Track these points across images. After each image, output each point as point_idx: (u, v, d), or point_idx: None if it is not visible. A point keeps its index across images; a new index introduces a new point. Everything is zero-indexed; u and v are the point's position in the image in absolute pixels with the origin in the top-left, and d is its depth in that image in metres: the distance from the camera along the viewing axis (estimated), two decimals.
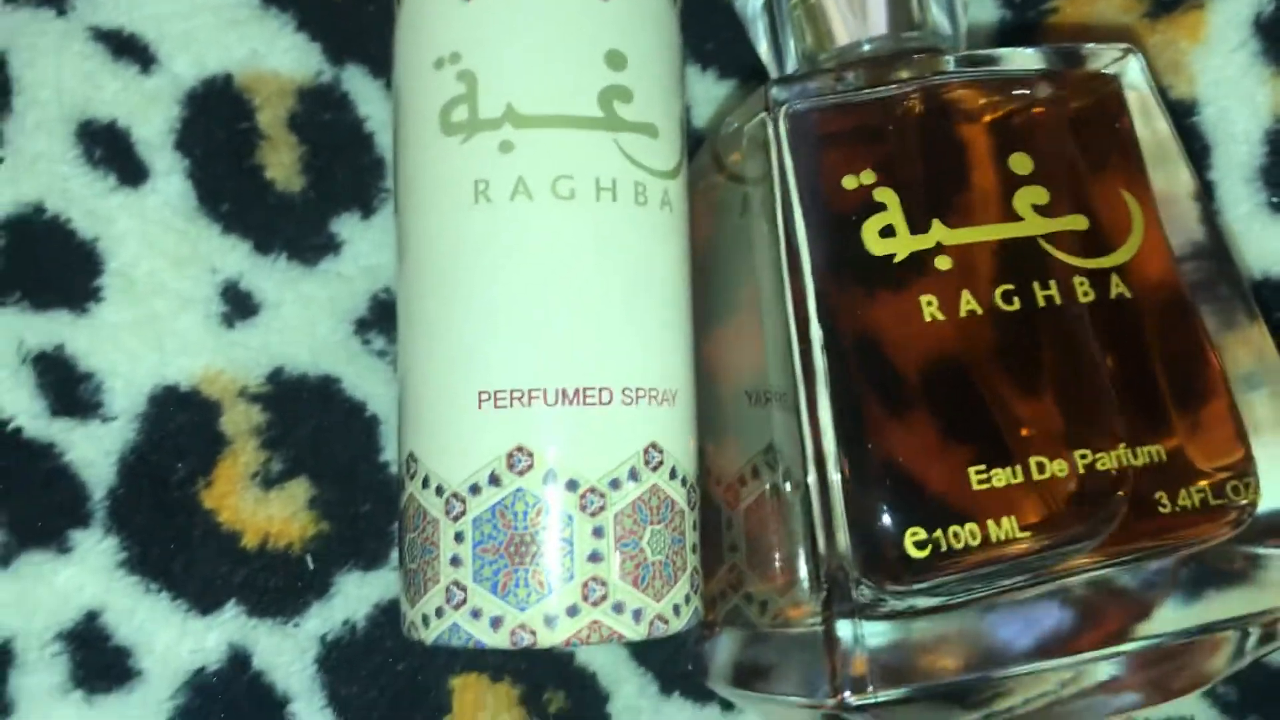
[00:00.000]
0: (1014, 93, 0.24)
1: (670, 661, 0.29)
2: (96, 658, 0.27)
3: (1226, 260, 0.24)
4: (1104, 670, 0.23)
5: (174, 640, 0.28)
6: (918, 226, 0.22)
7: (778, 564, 0.23)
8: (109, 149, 0.28)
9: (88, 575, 0.27)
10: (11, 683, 0.27)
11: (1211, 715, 0.29)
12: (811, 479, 0.21)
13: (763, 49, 0.27)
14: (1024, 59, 0.25)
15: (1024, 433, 0.21)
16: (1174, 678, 0.24)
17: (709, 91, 0.30)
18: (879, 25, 0.25)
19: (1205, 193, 0.29)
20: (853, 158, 0.23)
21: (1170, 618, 0.22)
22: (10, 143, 0.28)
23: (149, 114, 0.28)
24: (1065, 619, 0.22)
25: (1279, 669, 0.29)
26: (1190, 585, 0.23)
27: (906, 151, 0.23)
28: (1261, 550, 0.23)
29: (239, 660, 0.28)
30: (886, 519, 0.21)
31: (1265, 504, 0.23)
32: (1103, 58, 0.25)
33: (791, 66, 0.26)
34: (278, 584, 0.28)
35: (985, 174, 0.23)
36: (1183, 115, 0.30)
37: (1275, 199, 0.29)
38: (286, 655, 0.28)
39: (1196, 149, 0.30)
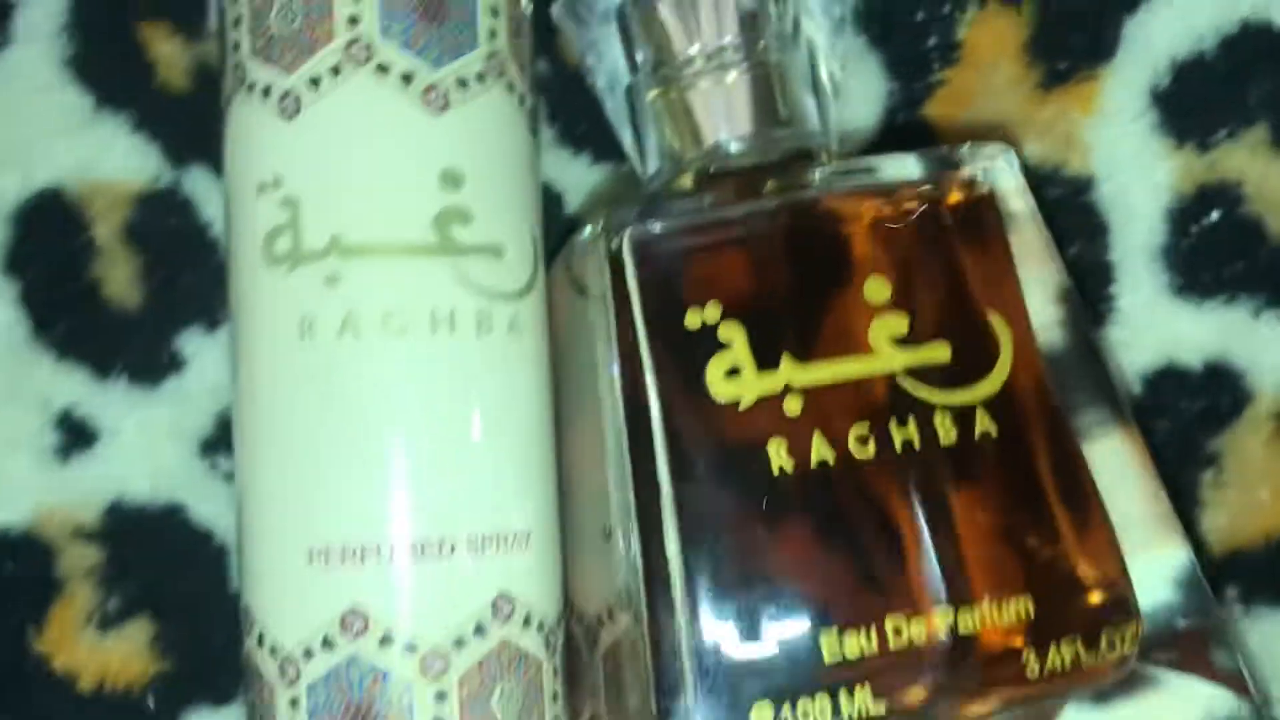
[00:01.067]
0: (884, 205, 0.23)
1: None
2: None
3: (1097, 362, 0.23)
4: None
5: None
6: (766, 364, 0.21)
7: (631, 711, 0.22)
8: None
9: None
10: None
11: None
12: (646, 635, 0.20)
13: (626, 141, 0.26)
14: (897, 166, 0.24)
15: (876, 592, 0.20)
16: None
17: (583, 178, 0.29)
18: (744, 124, 0.24)
19: (1107, 275, 0.29)
20: (698, 289, 0.21)
21: None
22: None
23: None
24: None
25: None
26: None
27: (761, 277, 0.22)
28: (1149, 668, 0.22)
29: None
30: (730, 691, 0.20)
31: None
32: (977, 159, 0.24)
33: (654, 162, 0.25)
34: None
35: (841, 303, 0.22)
36: (1079, 192, 0.29)
37: (1177, 281, 0.29)
38: None
39: (1094, 227, 0.29)
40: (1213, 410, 0.29)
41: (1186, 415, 0.29)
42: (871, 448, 0.21)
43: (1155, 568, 0.23)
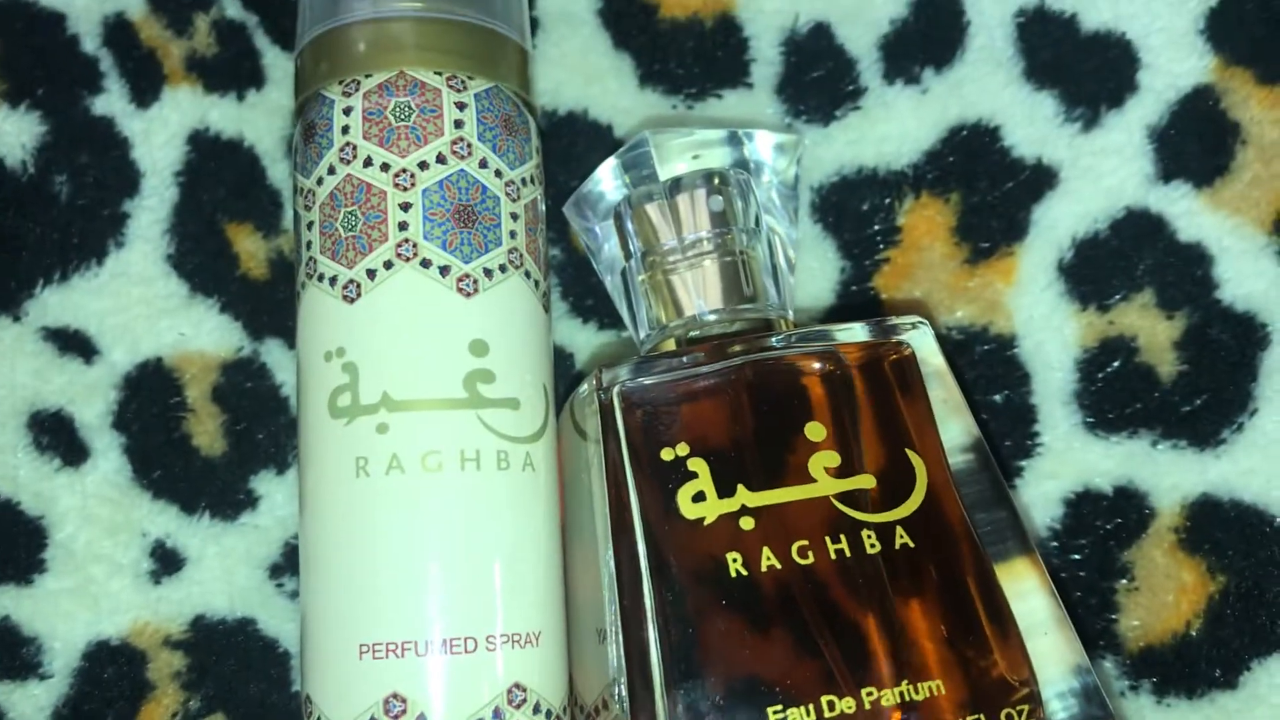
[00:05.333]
0: (831, 362, 0.28)
1: None
2: None
3: (1005, 500, 0.27)
4: None
5: None
6: (724, 491, 0.26)
7: None
8: (54, 435, 0.32)
9: None
10: None
11: None
12: (627, 713, 0.24)
13: (623, 313, 0.32)
14: (842, 332, 0.29)
15: (815, 674, 0.24)
16: None
17: (591, 340, 0.34)
18: (715, 300, 0.29)
19: (1031, 416, 0.33)
20: (673, 431, 0.27)
21: None
22: None
23: (91, 399, 0.32)
24: None
25: None
26: None
27: (726, 420, 0.27)
28: None
29: None
30: None
31: None
32: (902, 329, 0.29)
33: (645, 330, 0.30)
34: None
35: (790, 441, 0.27)
36: (1003, 348, 0.33)
37: (1088, 420, 0.33)
38: None
39: (1018, 377, 0.33)
40: (1123, 527, 0.33)
41: (1101, 532, 0.32)
42: (811, 557, 0.25)
43: (1062, 680, 0.26)
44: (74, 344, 0.32)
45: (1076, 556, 0.33)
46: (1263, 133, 0.34)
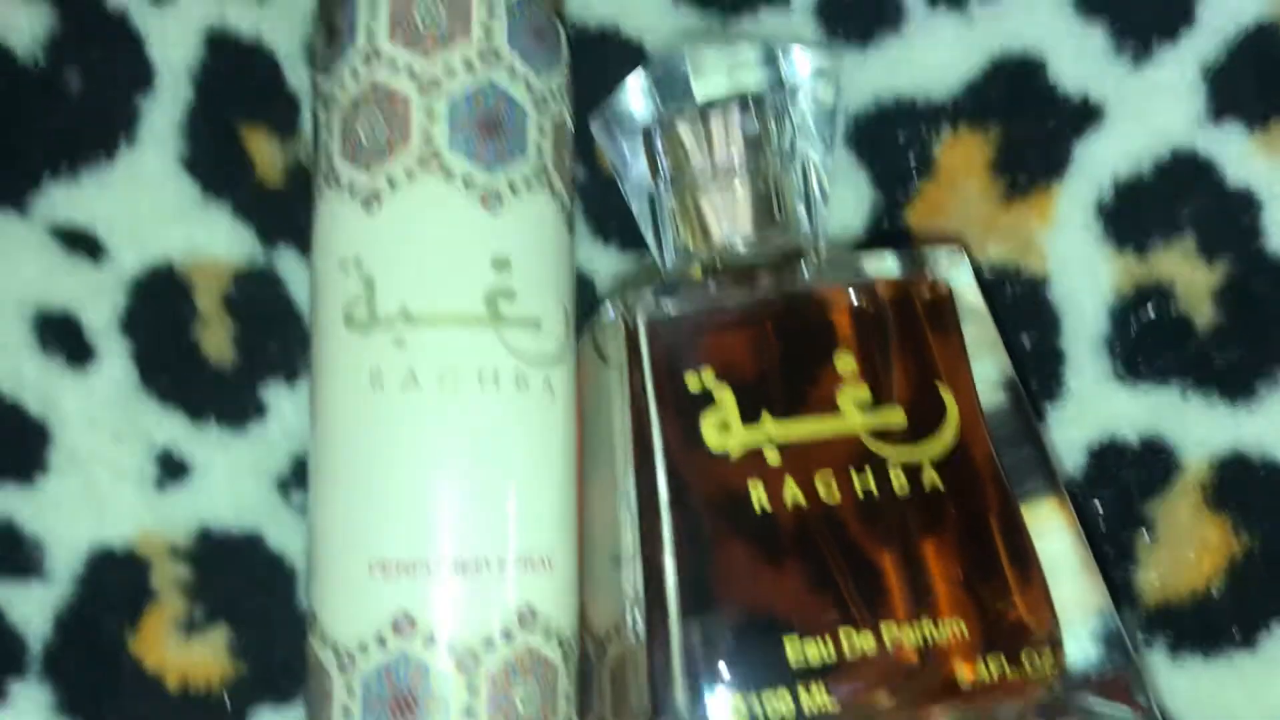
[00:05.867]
0: (862, 295, 0.27)
1: None
2: None
3: (1036, 440, 0.27)
4: None
5: None
6: (750, 421, 0.25)
7: (631, 714, 0.26)
8: (60, 335, 0.31)
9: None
10: None
11: None
12: (644, 645, 0.24)
13: (648, 236, 0.31)
14: (873, 262, 0.28)
15: (833, 609, 0.24)
16: None
17: (612, 262, 0.33)
18: (745, 227, 0.28)
19: (1058, 360, 0.32)
20: (698, 358, 0.26)
21: None
22: None
23: (98, 301, 0.31)
24: None
25: None
26: None
27: (752, 351, 0.26)
28: (1082, 702, 0.26)
29: None
30: (710, 685, 0.24)
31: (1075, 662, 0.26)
32: (938, 261, 0.28)
33: (670, 256, 0.30)
34: None
35: (817, 373, 0.26)
36: (1035, 289, 0.32)
37: (1118, 368, 0.32)
38: None
39: (1047, 320, 0.32)
40: (1148, 479, 0.32)
41: (1125, 483, 0.32)
42: (836, 493, 0.25)
43: (1083, 624, 0.26)
44: (82, 244, 0.32)
45: (1098, 505, 0.32)
46: None
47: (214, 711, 0.31)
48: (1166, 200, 0.32)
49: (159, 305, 0.32)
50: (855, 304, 0.27)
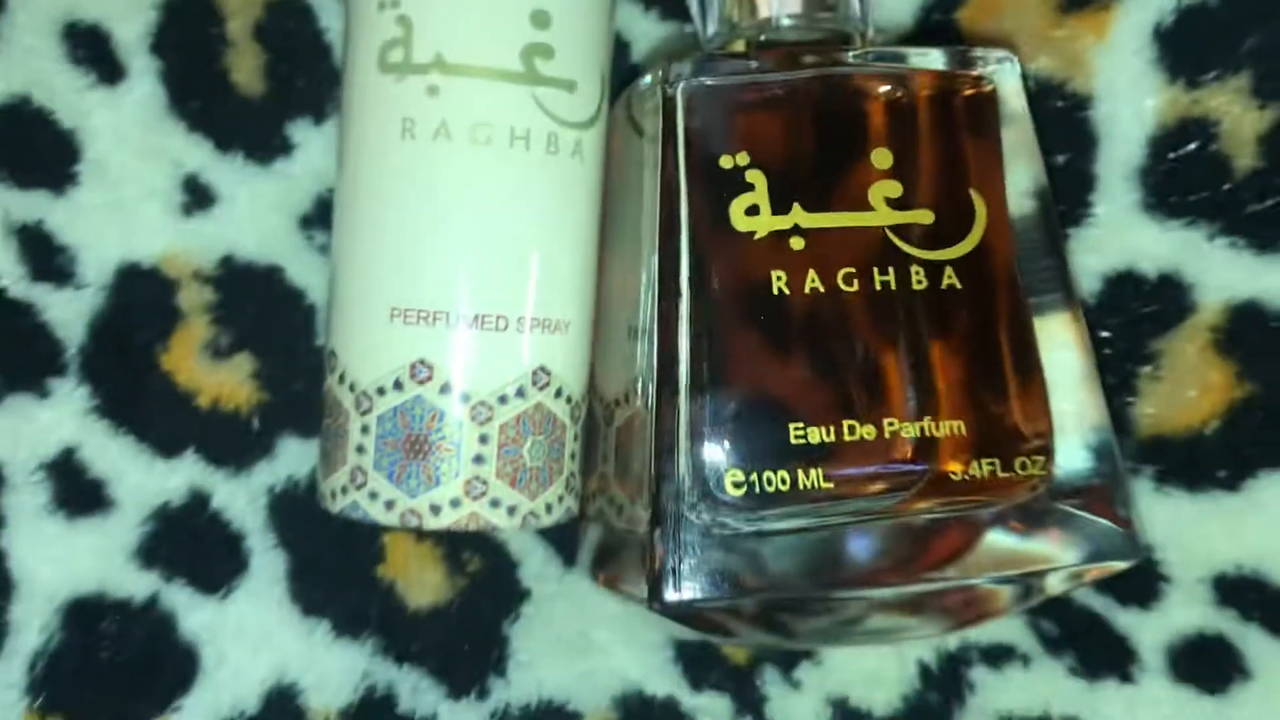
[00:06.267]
0: (903, 88, 0.27)
1: (571, 540, 0.33)
2: (75, 486, 0.31)
3: (1058, 253, 0.27)
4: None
5: (142, 478, 0.32)
6: (779, 208, 0.25)
7: (634, 477, 0.27)
8: (90, 49, 0.31)
9: (65, 417, 0.31)
10: (3, 501, 0.32)
11: (1034, 645, 0.33)
12: (653, 414, 0.25)
13: (693, 5, 0.30)
14: (920, 57, 0.27)
15: (841, 399, 0.25)
16: (968, 610, 0.28)
17: (651, 30, 0.32)
18: (794, 4, 0.28)
19: (1090, 184, 0.32)
20: (733, 138, 0.26)
21: (988, 560, 0.26)
22: (4, 38, 0.31)
23: (129, 18, 0.31)
24: (879, 549, 0.26)
25: (1095, 611, 0.33)
26: (1019, 531, 0.27)
27: (788, 135, 0.26)
28: (1063, 508, 0.27)
29: (199, 500, 0.32)
30: (713, 458, 0.25)
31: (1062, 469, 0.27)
32: (987, 62, 0.27)
33: (713, 27, 0.29)
34: (229, 439, 0.32)
35: (850, 165, 0.26)
36: (1078, 108, 0.32)
37: (1148, 200, 0.32)
38: (240, 500, 0.32)
39: (1085, 141, 0.32)
40: (1160, 314, 0.32)
41: (1136, 315, 0.32)
42: (856, 285, 0.25)
43: (1078, 433, 0.27)
44: None
45: (1105, 334, 0.32)
46: None
47: (243, 432, 0.32)
48: (1230, 31, 0.31)
49: (190, 27, 0.31)
50: (894, 96, 0.27)
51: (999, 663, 0.33)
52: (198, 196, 0.32)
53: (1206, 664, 0.32)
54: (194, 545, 0.32)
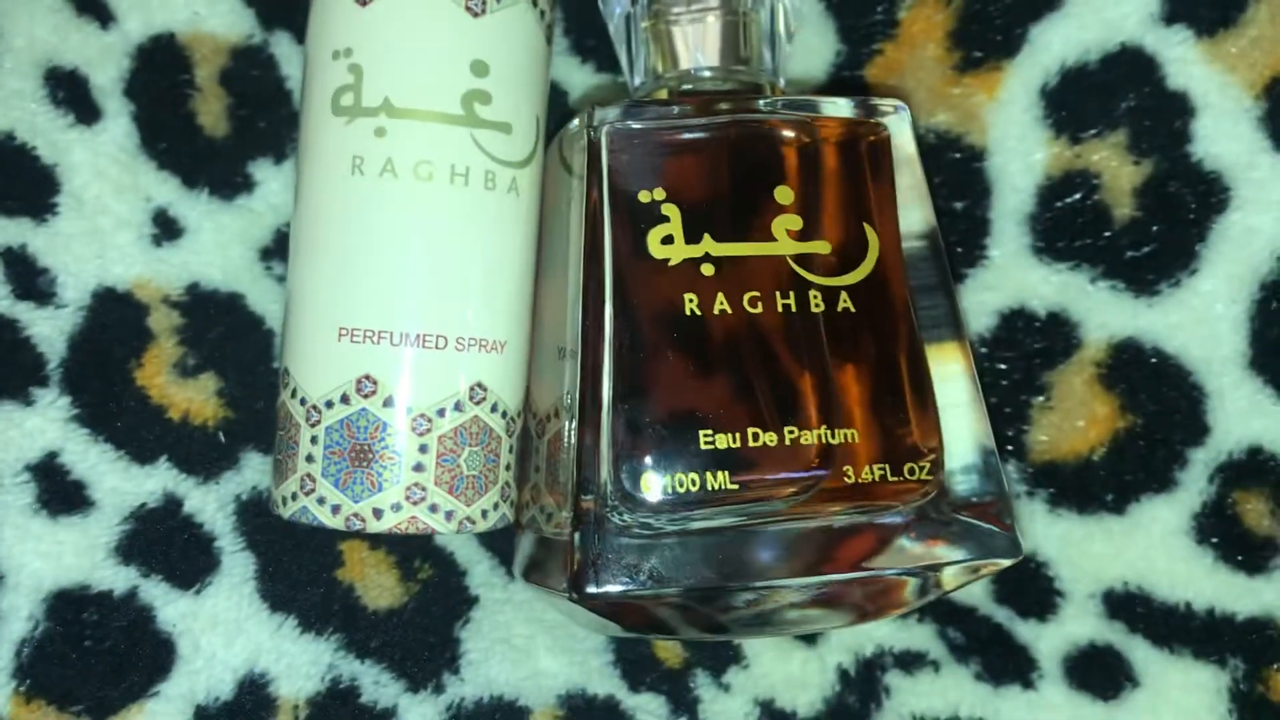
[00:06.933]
0: (809, 133, 0.30)
1: (513, 551, 0.35)
2: (58, 488, 0.34)
3: (947, 288, 0.30)
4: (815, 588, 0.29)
5: (119, 482, 0.34)
6: (692, 238, 0.28)
7: (562, 486, 0.29)
8: (70, 92, 0.33)
9: (48, 423, 0.34)
10: None
11: (944, 652, 0.36)
12: (577, 425, 0.28)
13: (622, 57, 0.33)
14: (826, 104, 0.30)
15: (746, 407, 0.27)
16: (871, 603, 0.30)
17: (586, 80, 0.35)
18: (712, 57, 0.30)
19: (984, 229, 0.34)
20: (652, 176, 0.28)
21: (894, 558, 0.29)
22: None
23: (105, 64, 0.33)
24: (787, 548, 0.28)
25: (998, 622, 0.35)
26: (915, 535, 0.29)
27: (704, 175, 0.29)
28: (957, 517, 0.30)
29: (173, 504, 0.34)
30: (630, 464, 0.27)
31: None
32: (884, 111, 0.30)
33: (640, 77, 0.32)
34: (198, 450, 0.34)
35: (757, 201, 0.29)
36: (973, 159, 0.35)
37: (1037, 244, 0.35)
38: (211, 506, 0.34)
39: (979, 190, 0.35)
40: (1049, 350, 0.35)
41: (1029, 350, 0.35)
42: (761, 307, 0.28)
43: (967, 456, 0.30)
44: (91, 6, 0.33)
45: (1001, 366, 0.35)
46: None
47: (211, 445, 0.34)
48: (1108, 93, 0.34)
49: (160, 72, 0.34)
50: (801, 138, 0.30)
51: (911, 668, 0.35)
52: (167, 228, 0.34)
53: (1099, 672, 0.35)
54: (169, 545, 0.34)
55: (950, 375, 0.30)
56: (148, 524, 0.34)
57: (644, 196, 0.28)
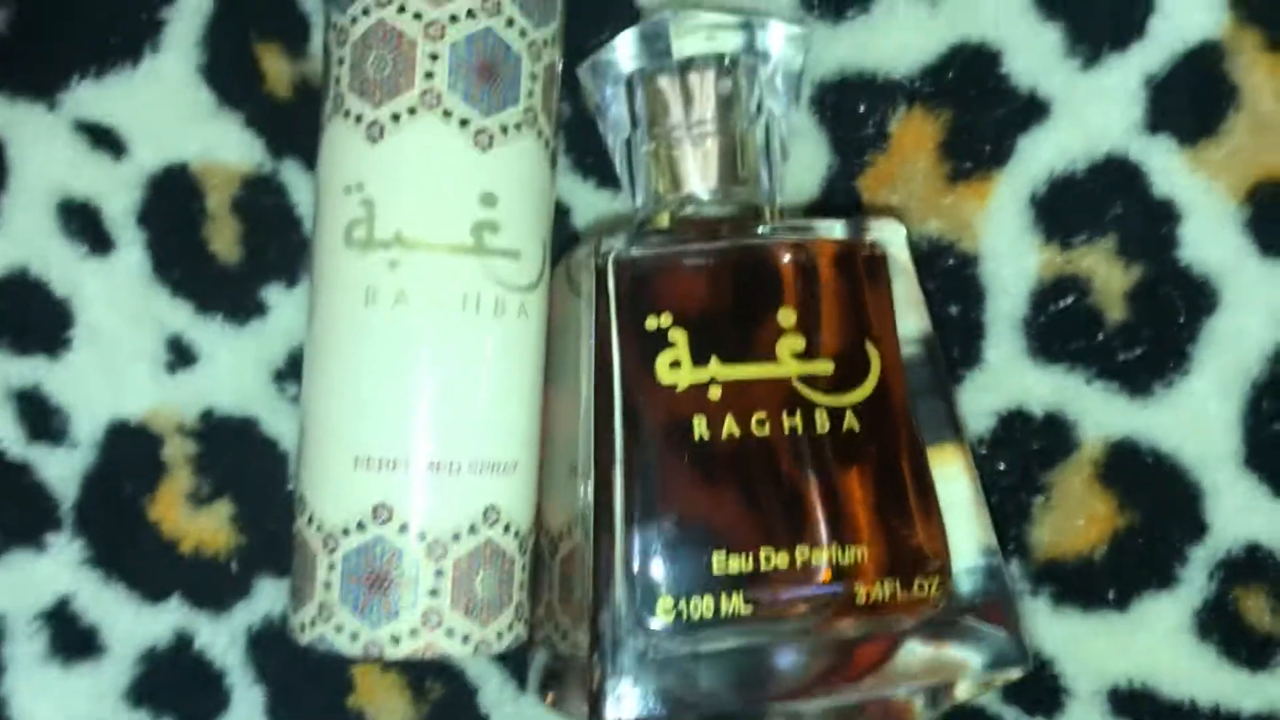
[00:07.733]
0: (808, 254, 0.31)
1: (525, 667, 0.35)
2: (70, 634, 0.34)
3: (945, 391, 0.31)
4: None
5: (131, 623, 0.34)
6: (699, 361, 0.29)
7: (576, 604, 0.30)
8: (83, 223, 0.34)
9: (60, 569, 0.34)
10: (3, 651, 0.34)
11: None
12: (591, 546, 0.28)
13: (623, 179, 0.34)
14: (824, 226, 0.31)
15: (757, 529, 0.28)
16: (885, 715, 0.31)
17: (588, 198, 0.36)
18: (712, 180, 0.31)
19: (980, 332, 0.35)
20: (658, 302, 0.29)
21: (902, 670, 0.29)
22: (4, 214, 0.34)
23: (117, 194, 0.34)
24: (804, 663, 0.29)
25: None
26: (923, 637, 0.29)
27: (707, 297, 0.30)
28: (962, 621, 0.30)
29: (184, 641, 0.34)
30: (644, 587, 0.28)
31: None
32: (879, 228, 0.31)
33: (641, 198, 0.32)
34: (210, 583, 0.34)
35: (761, 323, 0.29)
36: (966, 265, 0.35)
37: (1032, 346, 0.35)
38: (222, 639, 0.34)
39: (974, 294, 0.35)
40: (1048, 450, 0.35)
41: (1028, 450, 0.35)
42: (768, 429, 0.29)
43: (970, 557, 0.30)
44: (105, 140, 0.34)
45: (1001, 466, 0.35)
46: (1259, 101, 0.34)
47: (222, 575, 0.34)
48: (1095, 201, 0.35)
49: (173, 202, 0.34)
50: (801, 262, 0.31)
51: None
52: (180, 356, 0.34)
53: None
54: (180, 684, 0.34)
55: (951, 476, 0.30)
56: (159, 665, 0.34)
57: (650, 323, 0.29)
